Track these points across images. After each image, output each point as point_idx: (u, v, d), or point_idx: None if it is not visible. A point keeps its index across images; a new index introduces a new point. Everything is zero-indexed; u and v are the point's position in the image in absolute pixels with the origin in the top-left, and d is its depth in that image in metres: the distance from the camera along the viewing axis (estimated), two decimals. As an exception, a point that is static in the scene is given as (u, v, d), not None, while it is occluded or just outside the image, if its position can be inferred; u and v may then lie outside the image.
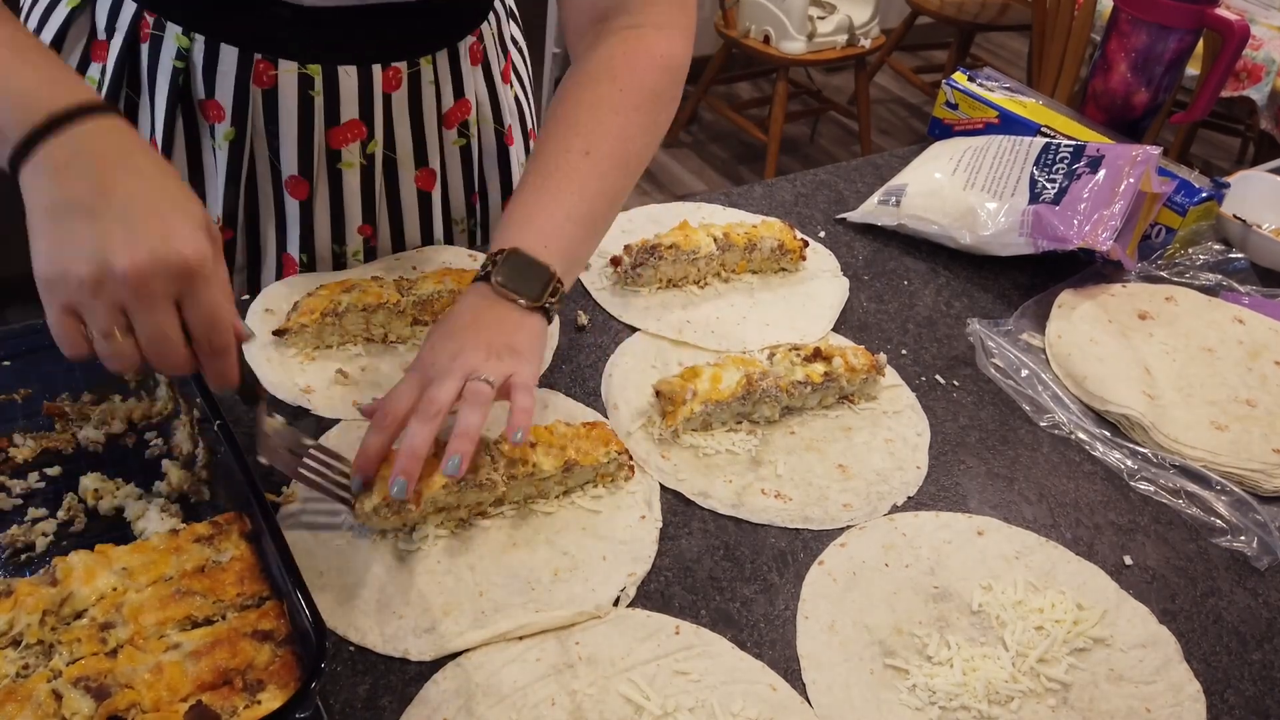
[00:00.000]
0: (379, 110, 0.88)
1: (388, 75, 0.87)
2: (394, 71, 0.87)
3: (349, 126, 0.88)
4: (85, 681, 0.53)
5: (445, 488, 0.68)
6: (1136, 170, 1.01)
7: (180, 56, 0.83)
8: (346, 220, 0.93)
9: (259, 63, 0.83)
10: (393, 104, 0.89)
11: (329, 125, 0.87)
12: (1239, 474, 0.84)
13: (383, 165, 0.92)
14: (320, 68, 0.85)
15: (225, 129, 0.86)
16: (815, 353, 0.84)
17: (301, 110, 0.86)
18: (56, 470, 0.69)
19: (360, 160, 0.90)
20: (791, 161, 3.29)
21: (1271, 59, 2.20)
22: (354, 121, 0.88)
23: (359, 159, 0.90)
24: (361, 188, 0.91)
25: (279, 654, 0.56)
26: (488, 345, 0.68)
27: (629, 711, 0.61)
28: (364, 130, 0.89)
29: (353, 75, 0.86)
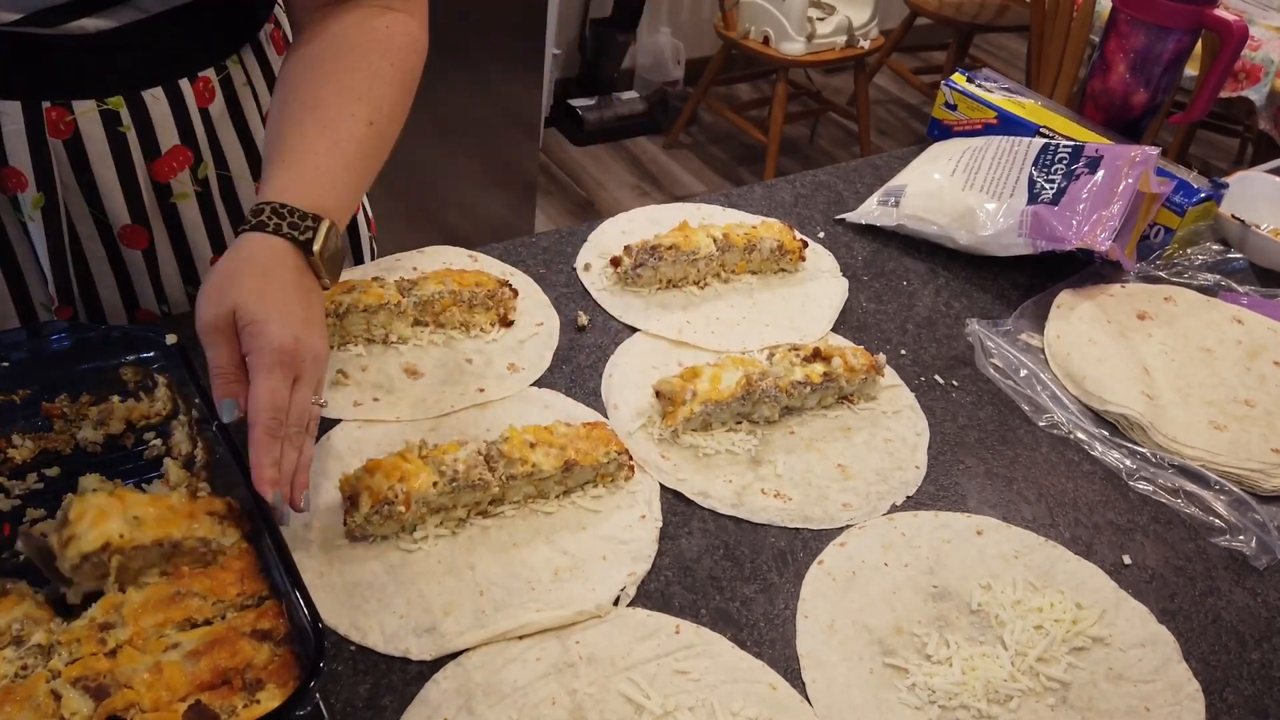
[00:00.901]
0: (199, 128, 0.81)
1: (198, 88, 0.80)
2: (204, 82, 0.80)
3: (172, 155, 0.80)
4: (84, 681, 0.53)
5: (435, 487, 0.68)
6: (1135, 171, 1.01)
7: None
8: (195, 256, 0.86)
9: (49, 111, 0.74)
10: (212, 118, 0.82)
11: (149, 159, 0.79)
12: (1238, 474, 0.84)
13: (219, 187, 0.85)
14: (122, 99, 0.76)
15: (32, 196, 0.76)
16: (815, 353, 0.84)
17: (115, 151, 0.77)
18: (55, 471, 0.69)
19: (194, 188, 0.83)
20: (791, 162, 3.29)
21: (1270, 59, 2.21)
22: (176, 148, 0.80)
23: (191, 187, 0.82)
24: (203, 218, 0.85)
25: (278, 653, 0.56)
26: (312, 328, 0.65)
27: (629, 711, 0.61)
28: (189, 155, 0.81)
29: (161, 98, 0.78)
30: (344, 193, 0.71)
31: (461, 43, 2.04)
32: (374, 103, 0.74)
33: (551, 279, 0.97)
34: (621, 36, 3.18)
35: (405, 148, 2.24)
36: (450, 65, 2.05)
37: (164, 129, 0.79)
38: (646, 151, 3.28)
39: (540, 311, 0.92)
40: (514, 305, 0.90)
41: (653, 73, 3.37)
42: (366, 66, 0.75)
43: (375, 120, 0.73)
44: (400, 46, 0.78)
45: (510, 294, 0.89)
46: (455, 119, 2.13)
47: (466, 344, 0.87)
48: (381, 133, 0.75)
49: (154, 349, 0.73)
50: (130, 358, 0.73)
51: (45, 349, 0.72)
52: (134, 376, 0.73)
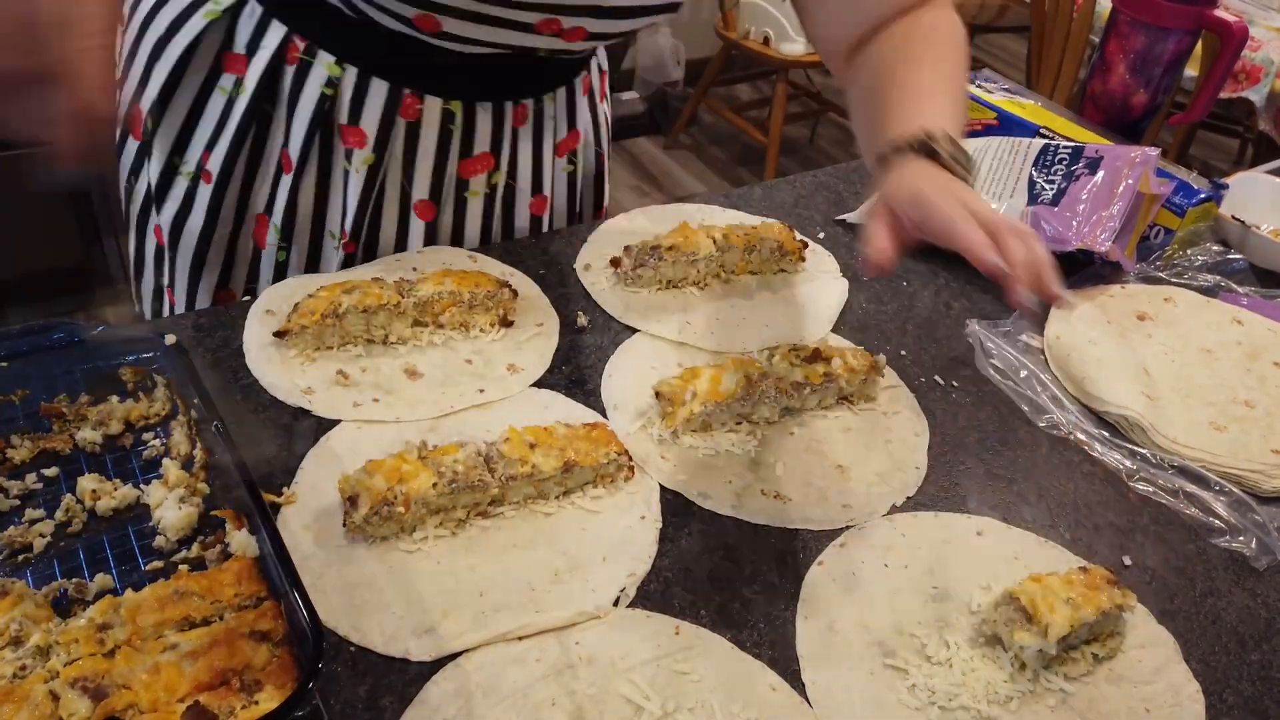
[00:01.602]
0: (506, 143, 0.95)
1: (517, 111, 0.94)
2: (522, 109, 0.94)
3: (480, 159, 0.94)
4: (83, 682, 0.52)
5: (435, 488, 0.68)
6: (1135, 171, 1.01)
7: (329, 84, 0.87)
8: (465, 244, 0.98)
9: (407, 96, 0.88)
10: (519, 137, 0.96)
11: (462, 156, 0.93)
12: (1238, 474, 0.84)
13: (504, 193, 0.98)
14: (461, 104, 0.90)
15: (365, 155, 0.90)
16: (814, 353, 0.84)
17: (440, 142, 0.91)
18: (54, 471, 0.69)
19: (485, 189, 0.96)
20: (791, 163, 3.29)
21: (1270, 60, 2.21)
22: (484, 154, 0.94)
23: (484, 188, 0.96)
24: (482, 214, 0.98)
25: (276, 654, 0.56)
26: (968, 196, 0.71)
27: (629, 712, 0.61)
28: (492, 161, 0.95)
29: (488, 111, 0.92)
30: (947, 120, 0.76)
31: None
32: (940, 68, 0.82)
33: (551, 279, 0.96)
34: (621, 37, 3.18)
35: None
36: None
37: (481, 136, 0.93)
38: (646, 152, 3.28)
39: (540, 312, 0.92)
40: (514, 306, 0.90)
41: (653, 73, 3.37)
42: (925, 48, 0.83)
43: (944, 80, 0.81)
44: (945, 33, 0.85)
45: (510, 294, 0.89)
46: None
47: (466, 345, 0.87)
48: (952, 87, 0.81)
49: (153, 349, 0.73)
50: (129, 358, 0.73)
51: (44, 349, 0.72)
52: (133, 377, 0.73)
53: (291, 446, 0.75)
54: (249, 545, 0.61)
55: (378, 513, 0.67)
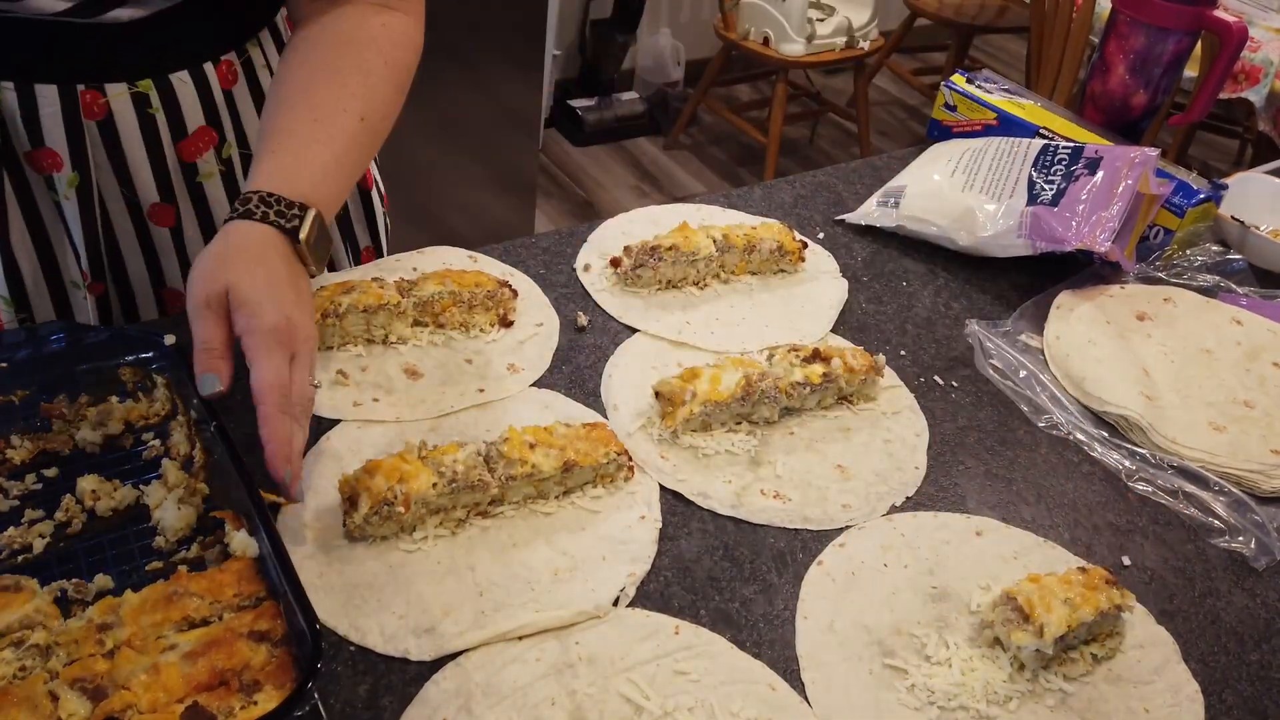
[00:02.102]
0: (224, 109, 0.85)
1: (221, 71, 0.83)
2: (226, 65, 0.84)
3: (198, 135, 0.83)
4: (82, 682, 0.52)
5: (435, 488, 0.68)
6: (1135, 172, 1.01)
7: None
8: None
9: (84, 94, 0.77)
10: (235, 99, 0.85)
11: (176, 140, 0.83)
12: (1237, 475, 0.84)
13: (242, 166, 0.88)
14: (152, 82, 0.80)
15: (68, 175, 0.79)
16: (814, 354, 0.84)
17: (145, 132, 0.81)
18: (54, 472, 0.69)
19: (219, 167, 0.86)
20: (791, 163, 3.29)
21: (1269, 61, 2.21)
22: (202, 129, 0.84)
23: (216, 166, 0.86)
24: (228, 195, 0.88)
25: (275, 654, 0.56)
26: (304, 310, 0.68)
27: (629, 711, 0.61)
28: (215, 135, 0.85)
29: (188, 81, 0.81)
30: (333, 185, 0.73)
31: (461, 43, 2.04)
32: (367, 99, 0.76)
33: (551, 279, 0.97)
34: (621, 37, 3.18)
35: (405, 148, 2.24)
36: (450, 66, 2.05)
37: (190, 110, 0.82)
38: (646, 152, 3.28)
39: (540, 312, 0.92)
40: (514, 306, 0.90)
41: (653, 74, 3.37)
42: (362, 63, 0.77)
43: (367, 116, 0.75)
44: (396, 44, 0.80)
45: (510, 294, 0.89)
46: (455, 119, 2.13)
47: (466, 344, 0.87)
48: (373, 128, 0.77)
49: (152, 349, 0.73)
50: (129, 358, 0.73)
51: (43, 349, 0.72)
52: (132, 377, 0.73)
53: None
54: (248, 545, 0.61)
55: (378, 512, 0.67)
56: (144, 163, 0.82)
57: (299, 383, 0.64)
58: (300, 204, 0.69)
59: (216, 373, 0.63)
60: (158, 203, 0.84)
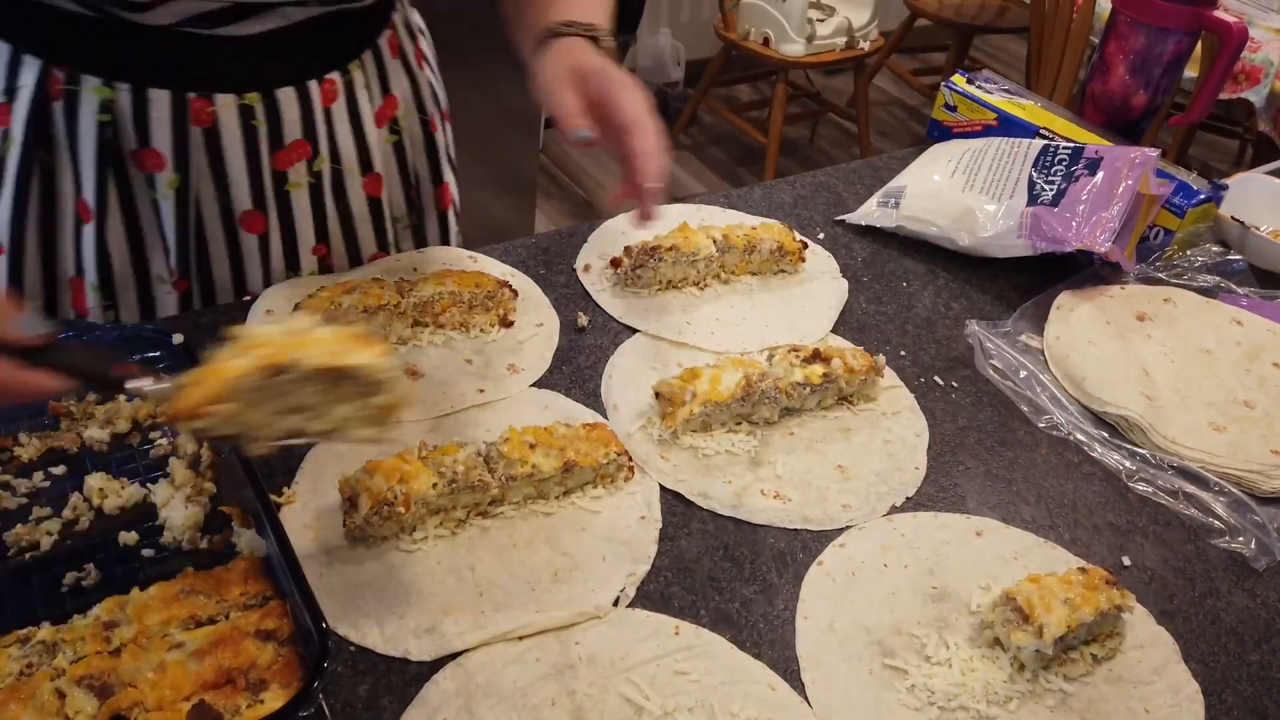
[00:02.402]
0: (321, 125, 0.87)
1: (324, 89, 0.87)
2: (329, 84, 0.87)
3: (294, 148, 0.86)
4: (88, 680, 0.53)
5: (435, 488, 0.68)
6: (1135, 172, 1.01)
7: (104, 109, 0.79)
8: (299, 243, 0.91)
9: (194, 101, 0.80)
10: (333, 116, 0.88)
11: (273, 150, 0.86)
12: (1237, 475, 0.84)
13: (331, 179, 0.91)
14: (259, 95, 0.83)
15: (169, 177, 0.82)
16: (814, 354, 0.84)
17: (247, 141, 0.84)
18: (61, 470, 0.69)
19: (308, 179, 0.89)
20: (791, 163, 3.29)
21: (1270, 61, 2.21)
22: (298, 142, 0.86)
23: (306, 178, 0.89)
24: (311, 206, 0.90)
25: (281, 653, 0.56)
26: None
27: (629, 712, 0.61)
28: (309, 149, 0.87)
29: (291, 96, 0.84)
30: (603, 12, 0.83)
31: (461, 43, 2.04)
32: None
33: (551, 280, 0.97)
34: (621, 37, 3.18)
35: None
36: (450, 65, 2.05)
37: (290, 123, 0.85)
38: (647, 152, 3.27)
39: (540, 312, 0.92)
40: (514, 306, 0.90)
41: (653, 74, 3.37)
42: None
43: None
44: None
45: (510, 295, 0.89)
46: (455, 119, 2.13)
47: (466, 345, 0.87)
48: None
49: (161, 349, 0.74)
50: (137, 357, 0.74)
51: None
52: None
53: (291, 446, 0.75)
54: (256, 544, 0.62)
55: (378, 513, 0.67)
56: (242, 171, 0.85)
57: None
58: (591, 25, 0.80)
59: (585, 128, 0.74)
60: (250, 210, 0.87)
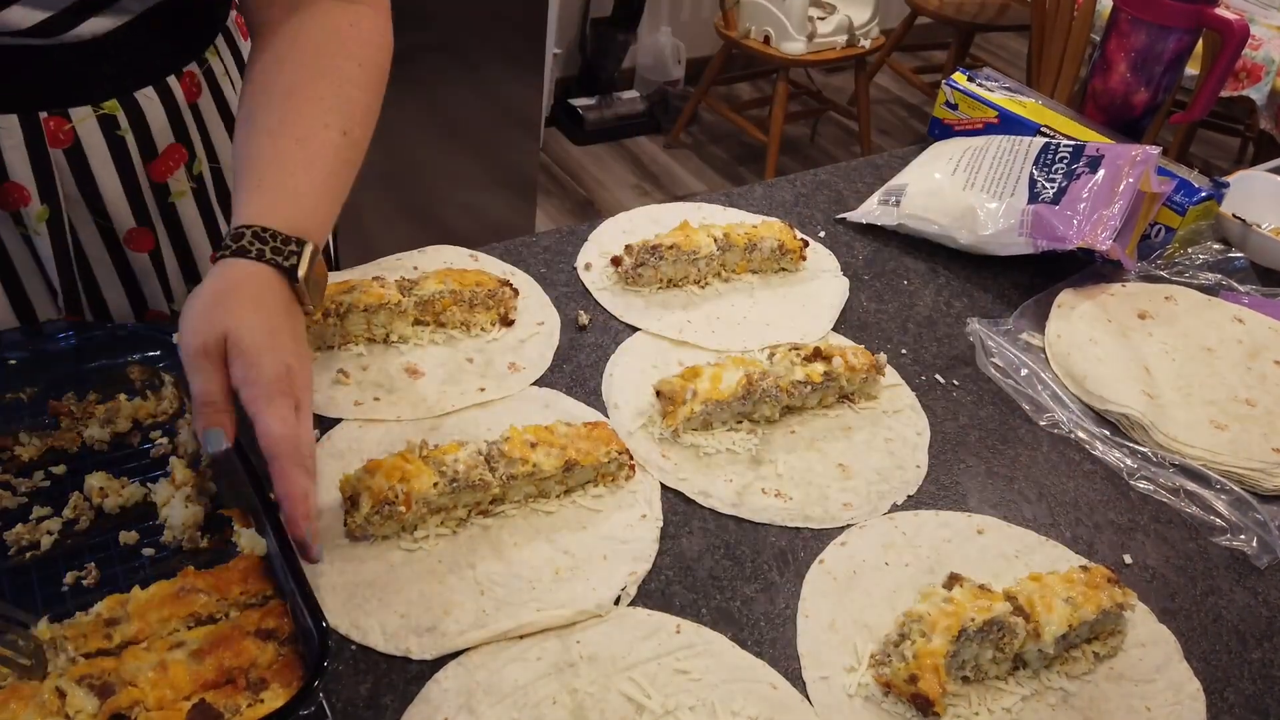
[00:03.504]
0: (191, 124, 0.81)
1: (185, 84, 0.79)
2: (189, 77, 0.80)
3: (168, 154, 0.79)
4: (89, 679, 0.53)
5: (435, 487, 0.68)
6: (1136, 170, 1.01)
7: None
8: (196, 254, 0.86)
9: (48, 121, 0.73)
10: (201, 112, 0.82)
11: (146, 160, 0.79)
12: (1238, 473, 0.84)
13: (213, 181, 0.84)
14: (118, 102, 0.75)
15: (36, 209, 0.75)
16: (815, 352, 0.84)
17: (115, 155, 0.76)
18: (62, 469, 0.69)
19: (190, 185, 0.82)
20: (791, 162, 3.29)
21: (1271, 59, 2.20)
22: (171, 146, 0.80)
23: (188, 184, 0.82)
24: (201, 213, 0.84)
25: (282, 652, 0.56)
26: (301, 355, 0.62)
27: (630, 710, 0.61)
28: (184, 152, 0.81)
29: (153, 97, 0.77)
30: (324, 211, 0.68)
31: (462, 42, 2.04)
32: (346, 110, 0.71)
33: (552, 278, 0.97)
34: (622, 36, 3.18)
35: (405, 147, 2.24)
36: (450, 65, 2.05)
37: (159, 128, 0.79)
38: (647, 151, 3.28)
39: (541, 311, 0.92)
40: (514, 305, 0.90)
41: (653, 72, 3.37)
42: (335, 71, 0.72)
43: (349, 129, 0.71)
44: (366, 43, 0.75)
45: (511, 293, 0.89)
46: (455, 119, 2.13)
47: (467, 343, 0.87)
48: (356, 141, 0.72)
49: (161, 347, 0.73)
50: (137, 356, 0.74)
51: (52, 347, 0.72)
52: (141, 375, 0.74)
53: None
54: (256, 543, 0.62)
55: (379, 512, 0.67)
56: (117, 188, 0.78)
57: (306, 432, 0.59)
58: (296, 239, 0.64)
59: (220, 427, 0.59)
60: (134, 228, 0.80)
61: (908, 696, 0.62)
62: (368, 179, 0.88)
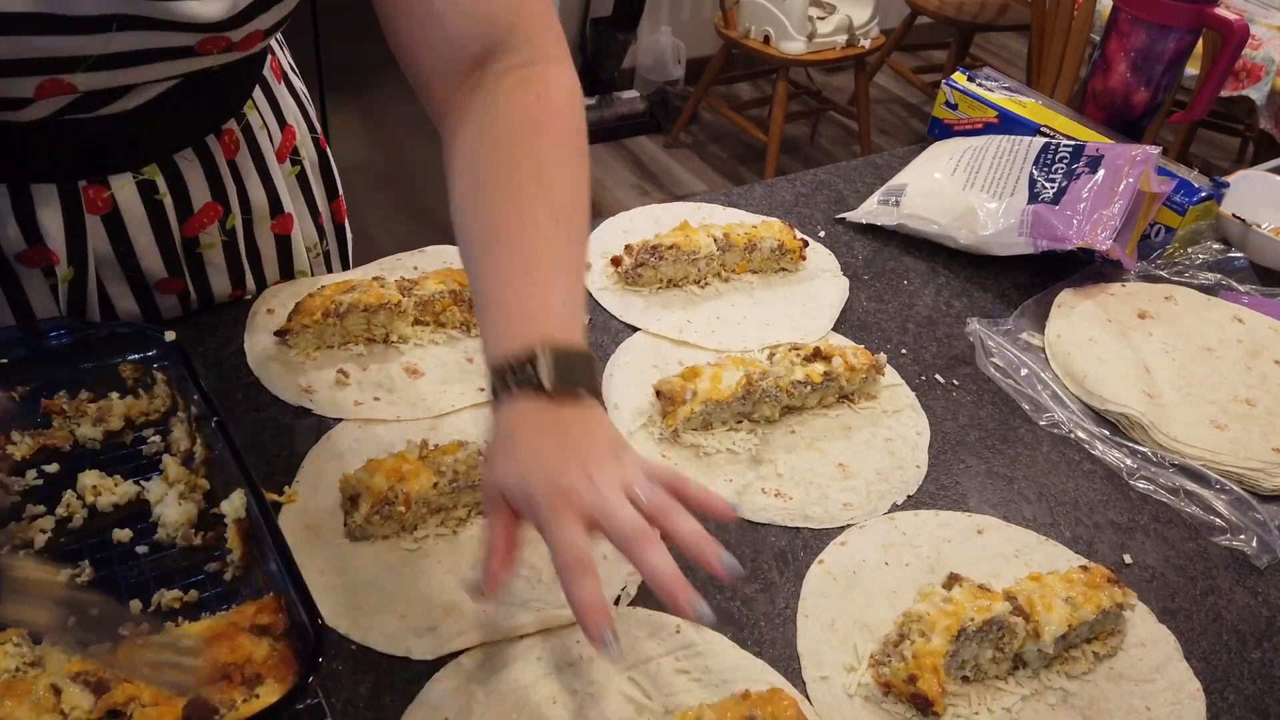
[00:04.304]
0: (229, 182, 0.81)
1: (224, 142, 0.79)
2: (229, 135, 0.79)
3: (204, 212, 0.79)
4: (84, 676, 0.53)
5: (435, 487, 0.68)
6: (1136, 170, 1.01)
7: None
8: (215, 295, 0.86)
9: (87, 189, 0.72)
10: (239, 169, 0.82)
11: (182, 220, 0.78)
12: (1238, 473, 0.84)
13: (243, 231, 0.85)
14: (157, 167, 0.75)
15: (63, 272, 0.75)
16: (815, 352, 0.84)
17: (153, 219, 0.76)
18: (55, 468, 0.69)
19: (221, 238, 0.83)
20: (791, 162, 3.29)
21: (1271, 58, 2.21)
22: (208, 205, 0.79)
23: (219, 237, 0.82)
24: (227, 262, 0.85)
25: (277, 648, 0.56)
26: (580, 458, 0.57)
27: (630, 710, 0.61)
28: (219, 209, 0.81)
29: (193, 159, 0.76)
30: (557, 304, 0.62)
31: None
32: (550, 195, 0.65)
33: (552, 278, 0.96)
34: (622, 36, 3.18)
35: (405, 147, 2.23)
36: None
37: (196, 188, 0.78)
38: (647, 151, 3.28)
39: (541, 310, 0.92)
40: (514, 304, 0.89)
41: (653, 72, 3.37)
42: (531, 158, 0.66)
43: (558, 213, 0.65)
44: (557, 113, 0.68)
45: (511, 293, 0.89)
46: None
47: (467, 343, 0.87)
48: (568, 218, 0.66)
49: (153, 346, 0.73)
50: (130, 356, 0.73)
51: (44, 346, 0.72)
52: (133, 373, 0.73)
53: (292, 445, 0.75)
54: (239, 509, 0.61)
55: (379, 512, 0.67)
56: (152, 247, 0.78)
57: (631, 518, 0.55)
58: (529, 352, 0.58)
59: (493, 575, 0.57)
60: (165, 278, 0.81)
61: (907, 696, 0.62)
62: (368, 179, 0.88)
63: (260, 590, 0.60)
